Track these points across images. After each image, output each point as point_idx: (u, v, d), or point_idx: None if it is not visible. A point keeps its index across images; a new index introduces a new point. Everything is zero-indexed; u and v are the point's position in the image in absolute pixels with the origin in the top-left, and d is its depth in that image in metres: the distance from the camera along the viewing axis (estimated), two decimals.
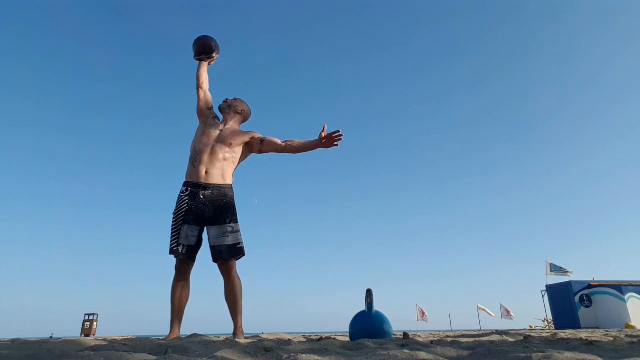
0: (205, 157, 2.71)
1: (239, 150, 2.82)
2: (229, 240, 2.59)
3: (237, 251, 2.61)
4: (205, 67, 3.08)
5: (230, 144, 2.77)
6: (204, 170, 2.67)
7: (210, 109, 2.98)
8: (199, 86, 3.01)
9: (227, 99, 3.01)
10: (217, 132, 2.82)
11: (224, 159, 2.74)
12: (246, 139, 2.84)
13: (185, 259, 2.59)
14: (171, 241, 2.61)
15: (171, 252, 2.60)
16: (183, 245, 2.58)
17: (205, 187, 2.65)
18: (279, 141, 2.83)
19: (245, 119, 3.04)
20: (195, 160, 2.73)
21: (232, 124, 2.93)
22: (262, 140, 2.85)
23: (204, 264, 2.81)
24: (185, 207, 2.63)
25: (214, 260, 2.60)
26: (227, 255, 2.57)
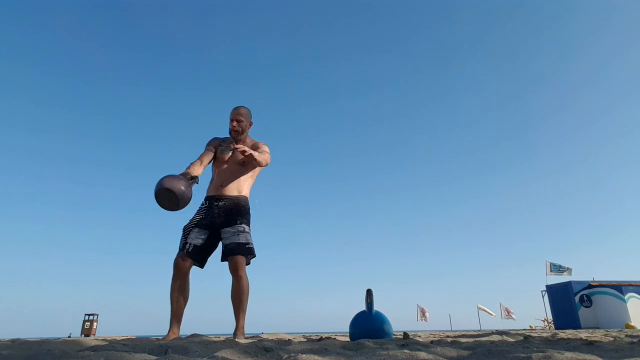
0: (222, 175, 2.83)
1: (252, 167, 2.87)
2: (241, 238, 2.67)
3: (246, 250, 2.66)
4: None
5: (244, 162, 2.82)
6: (220, 184, 2.80)
7: (212, 150, 2.91)
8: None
9: (233, 126, 2.86)
10: (230, 153, 2.87)
11: (240, 176, 2.84)
12: None
13: (188, 255, 2.64)
14: (180, 240, 2.72)
15: (180, 249, 2.69)
16: (190, 244, 2.67)
17: (220, 198, 2.77)
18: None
19: (250, 126, 3.02)
20: (213, 179, 2.89)
21: (245, 141, 2.92)
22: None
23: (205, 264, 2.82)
24: (201, 215, 2.77)
25: (224, 258, 2.67)
26: (237, 252, 2.64)
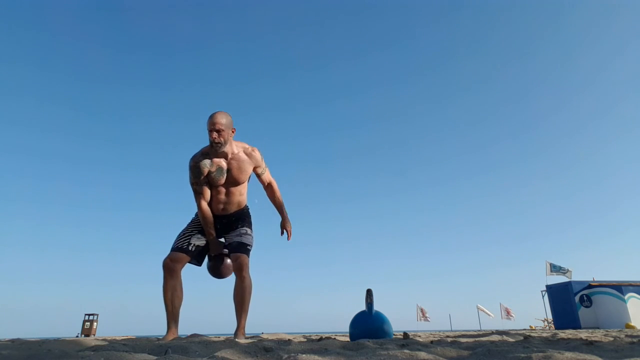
0: (221, 198, 2.71)
1: (247, 177, 2.81)
2: (243, 239, 2.71)
3: (247, 251, 2.69)
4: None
5: (242, 182, 2.75)
6: (221, 207, 2.74)
7: (206, 181, 2.68)
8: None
9: (213, 137, 2.51)
10: (224, 176, 2.65)
11: (238, 193, 2.77)
12: (250, 170, 2.78)
13: (190, 254, 2.63)
14: (180, 240, 2.67)
15: (176, 249, 2.61)
16: (194, 245, 2.67)
17: (223, 217, 2.77)
18: (266, 183, 2.89)
19: (233, 133, 2.71)
20: (212, 200, 2.71)
21: (233, 151, 2.67)
22: (259, 175, 2.84)
23: (205, 265, 2.82)
24: (200, 227, 2.74)
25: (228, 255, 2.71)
26: (241, 250, 2.66)
